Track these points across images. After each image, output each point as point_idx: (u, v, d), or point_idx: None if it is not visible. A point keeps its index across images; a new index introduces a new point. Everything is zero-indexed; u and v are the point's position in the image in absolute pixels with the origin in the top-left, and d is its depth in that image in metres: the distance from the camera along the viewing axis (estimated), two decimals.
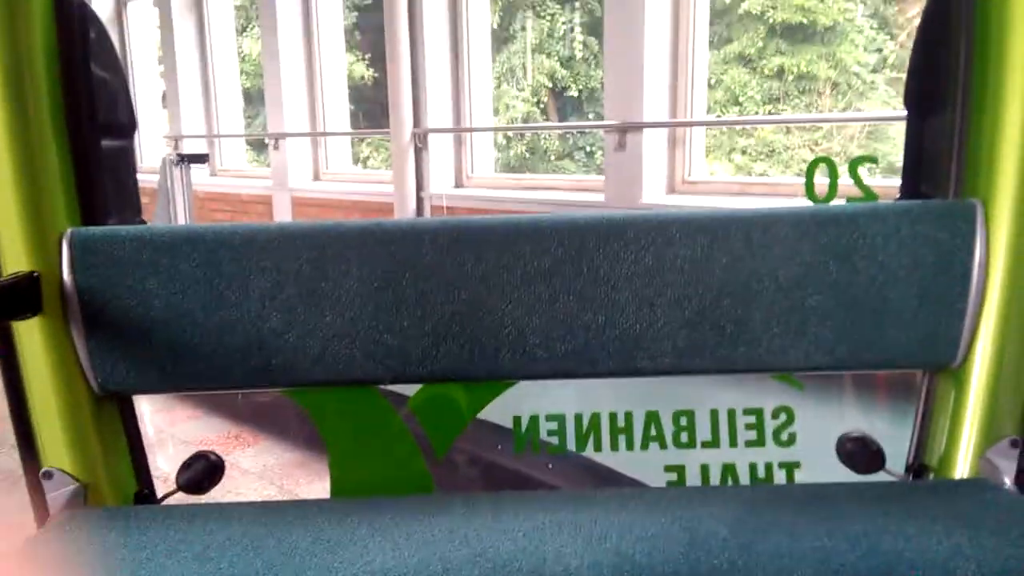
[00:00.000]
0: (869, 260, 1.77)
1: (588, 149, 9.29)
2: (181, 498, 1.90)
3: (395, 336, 1.80)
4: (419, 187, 7.47)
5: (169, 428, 5.36)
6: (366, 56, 11.28)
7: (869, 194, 1.90)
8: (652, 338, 1.79)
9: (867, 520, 1.53)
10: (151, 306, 1.79)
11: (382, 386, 1.93)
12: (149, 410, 5.50)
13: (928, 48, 1.89)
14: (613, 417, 1.96)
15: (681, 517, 1.55)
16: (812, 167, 1.97)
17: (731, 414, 1.94)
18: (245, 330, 1.80)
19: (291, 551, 1.49)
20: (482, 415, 1.97)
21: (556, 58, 10.17)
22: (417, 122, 7.39)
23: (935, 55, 1.86)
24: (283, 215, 8.91)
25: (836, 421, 1.99)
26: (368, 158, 10.70)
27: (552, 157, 9.46)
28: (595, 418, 1.97)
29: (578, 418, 1.96)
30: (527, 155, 9.47)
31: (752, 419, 1.94)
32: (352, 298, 1.80)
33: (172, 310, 1.79)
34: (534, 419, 1.96)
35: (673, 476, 1.97)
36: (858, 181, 1.92)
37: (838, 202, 1.90)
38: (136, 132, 2.00)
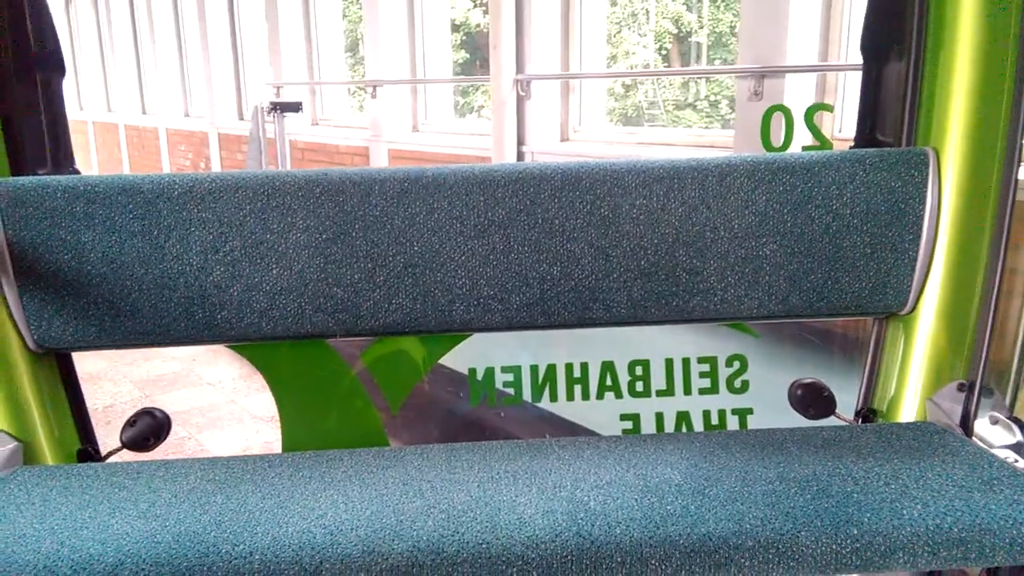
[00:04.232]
0: (823, 208, 1.92)
1: (712, 98, 9.05)
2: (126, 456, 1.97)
3: (345, 289, 1.91)
4: (520, 141, 7.30)
5: (242, 400, 5.38)
6: (484, 2, 11.35)
7: (824, 142, 2.04)
8: (607, 288, 1.94)
9: (817, 464, 1.67)
10: (87, 259, 1.86)
11: (332, 339, 2.03)
12: (229, 377, 5.67)
13: None
14: (569, 368, 2.11)
15: (635, 464, 1.70)
16: (768, 115, 2.11)
17: (685, 363, 2.10)
18: (187, 284, 1.89)
19: (240, 507, 1.56)
20: (442, 361, 2.10)
21: (682, 0, 10.01)
22: (520, 68, 7.19)
23: (891, 4, 1.98)
24: None
25: (789, 368, 2.14)
26: (483, 107, 10.74)
27: (671, 107, 9.27)
28: (551, 369, 2.11)
29: (534, 369, 2.11)
30: (644, 106, 9.31)
31: (706, 367, 2.10)
32: (299, 250, 1.90)
33: (109, 263, 1.87)
34: (489, 371, 2.11)
35: (628, 425, 2.12)
36: (813, 129, 2.06)
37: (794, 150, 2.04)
38: (63, 78, 2.04)
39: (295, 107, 8.42)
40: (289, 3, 10.47)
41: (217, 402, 5.35)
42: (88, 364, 5.79)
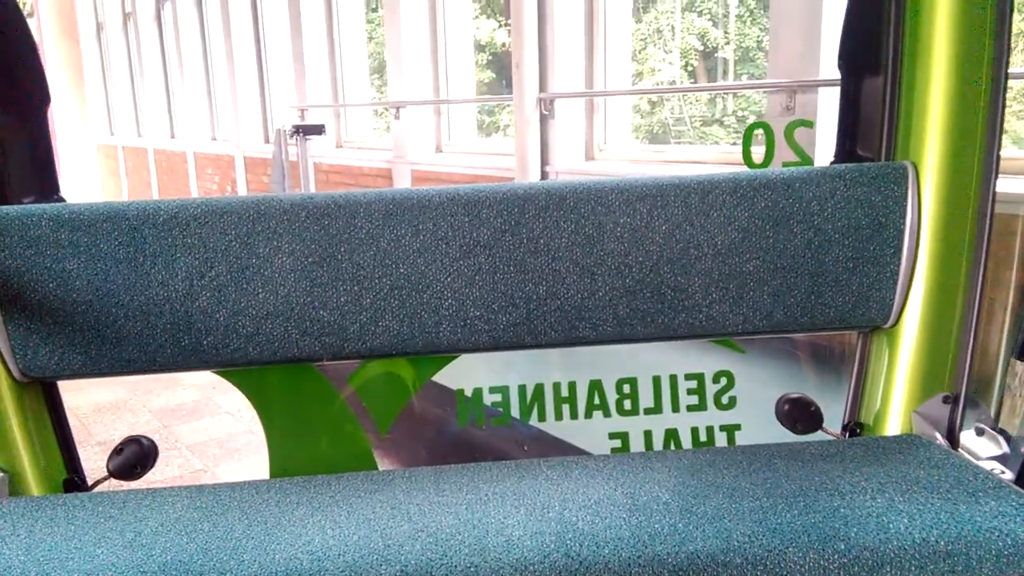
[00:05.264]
0: (805, 224, 1.95)
1: (740, 114, 9.05)
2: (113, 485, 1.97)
3: (332, 312, 1.94)
4: (544, 160, 7.23)
5: (259, 429, 5.10)
6: (508, 22, 11.52)
7: (805, 158, 2.09)
8: (593, 307, 1.97)
9: (804, 479, 1.69)
10: (72, 287, 1.88)
11: (320, 363, 2.05)
12: (247, 405, 5.59)
13: (860, 12, 2.05)
14: (557, 387, 2.15)
15: (624, 483, 1.72)
16: (749, 132, 2.16)
17: (673, 380, 2.14)
18: (173, 310, 1.90)
19: (227, 534, 1.57)
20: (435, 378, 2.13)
21: (708, 16, 10.02)
22: (543, 87, 7.12)
23: (867, 19, 2.02)
24: None
25: (776, 383, 2.17)
26: (508, 126, 10.82)
27: (697, 124, 9.28)
28: (539, 388, 2.15)
29: (522, 389, 2.14)
30: (671, 122, 9.32)
31: (693, 384, 2.14)
32: (285, 274, 1.92)
33: (95, 291, 1.88)
34: (478, 391, 2.14)
35: (617, 443, 2.16)
36: (794, 145, 2.10)
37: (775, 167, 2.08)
38: (48, 106, 2.04)
39: (318, 129, 8.46)
40: (314, 27, 10.57)
41: (235, 432, 5.27)
42: (107, 393, 5.85)
